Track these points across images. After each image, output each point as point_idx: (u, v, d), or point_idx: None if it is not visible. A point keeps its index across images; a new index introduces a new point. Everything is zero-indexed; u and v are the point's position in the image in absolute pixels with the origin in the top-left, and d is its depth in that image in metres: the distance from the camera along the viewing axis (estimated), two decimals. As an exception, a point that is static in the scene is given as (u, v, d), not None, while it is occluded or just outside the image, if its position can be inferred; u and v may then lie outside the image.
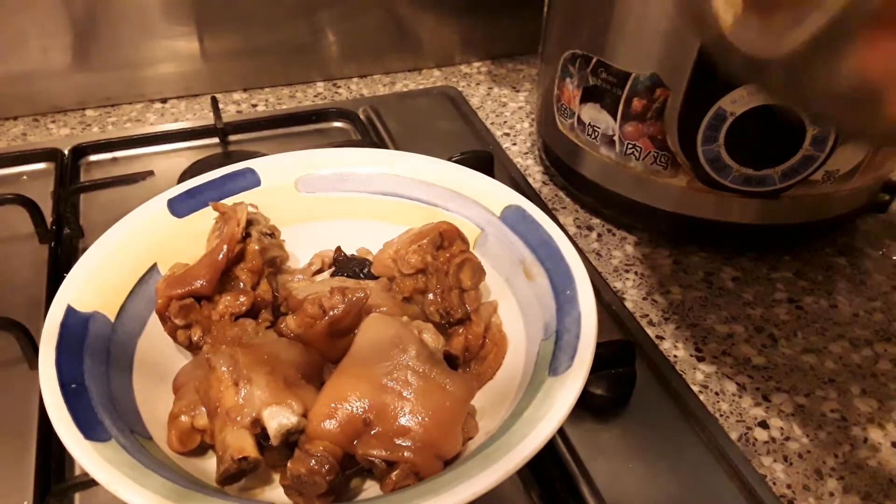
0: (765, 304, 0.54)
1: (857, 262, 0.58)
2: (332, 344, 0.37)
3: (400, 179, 0.47)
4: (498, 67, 0.86)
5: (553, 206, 0.63)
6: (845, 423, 0.45)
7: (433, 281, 0.40)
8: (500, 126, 0.75)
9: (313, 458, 0.32)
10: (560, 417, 0.31)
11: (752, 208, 0.54)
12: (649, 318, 0.52)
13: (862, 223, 0.61)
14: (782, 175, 0.50)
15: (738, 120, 0.48)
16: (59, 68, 0.72)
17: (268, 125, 0.71)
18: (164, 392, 0.38)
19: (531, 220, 0.43)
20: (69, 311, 0.37)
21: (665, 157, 0.53)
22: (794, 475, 0.42)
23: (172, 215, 0.44)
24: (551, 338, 0.37)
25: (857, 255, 0.58)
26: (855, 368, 0.49)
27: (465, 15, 0.83)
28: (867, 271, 0.57)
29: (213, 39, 0.75)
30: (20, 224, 0.56)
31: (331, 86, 0.81)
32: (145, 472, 0.30)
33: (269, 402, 0.33)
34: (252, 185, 0.46)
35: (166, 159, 0.66)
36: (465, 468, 0.30)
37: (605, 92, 0.54)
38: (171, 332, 0.39)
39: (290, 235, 0.46)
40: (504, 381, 0.39)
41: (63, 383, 0.33)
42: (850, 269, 0.57)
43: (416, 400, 0.34)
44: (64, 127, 0.73)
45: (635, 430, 0.43)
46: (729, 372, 0.48)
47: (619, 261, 0.58)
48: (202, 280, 0.39)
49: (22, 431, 0.42)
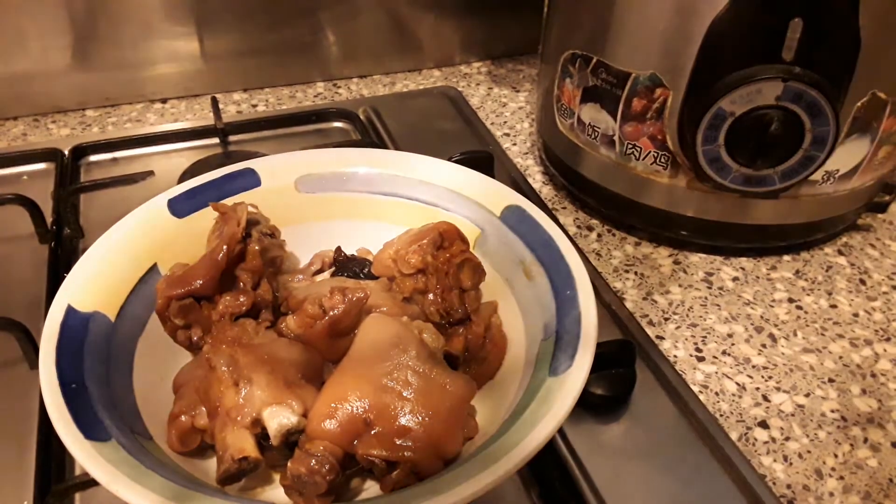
0: (765, 304, 0.54)
1: (856, 262, 0.58)
2: (332, 344, 0.37)
3: (400, 179, 0.47)
4: (498, 67, 0.86)
5: (553, 207, 0.63)
6: (845, 423, 0.45)
7: (433, 281, 0.40)
8: (500, 126, 0.75)
9: (313, 458, 0.32)
10: (560, 417, 0.31)
11: (752, 208, 0.54)
12: (649, 318, 0.52)
13: (861, 223, 0.61)
14: (782, 175, 0.50)
15: (738, 120, 0.48)
16: (59, 68, 0.72)
17: (268, 125, 0.71)
18: (164, 392, 0.38)
19: (531, 220, 0.43)
20: (69, 311, 0.37)
21: (665, 157, 0.53)
22: (793, 475, 0.42)
23: (172, 215, 0.44)
24: (551, 338, 0.37)
25: (856, 255, 0.58)
26: (855, 368, 0.49)
27: (465, 15, 0.83)
28: (867, 271, 0.57)
29: (213, 39, 0.75)
30: (20, 224, 0.56)
31: (331, 86, 0.81)
32: (145, 472, 0.30)
33: (269, 402, 0.33)
34: (252, 185, 0.46)
35: (166, 159, 0.66)
36: (465, 468, 0.30)
37: (605, 92, 0.54)
38: (171, 332, 0.39)
39: (291, 235, 0.46)
40: (504, 381, 0.39)
41: (63, 383, 0.33)
42: (850, 269, 0.57)
43: (417, 400, 0.34)
44: (64, 127, 0.73)
45: (635, 430, 0.43)
46: (729, 372, 0.48)
47: (619, 261, 0.58)
48: (202, 280, 0.39)
49: (22, 431, 0.42)
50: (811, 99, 0.46)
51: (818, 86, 0.46)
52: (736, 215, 0.54)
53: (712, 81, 0.48)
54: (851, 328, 0.52)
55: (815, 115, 0.47)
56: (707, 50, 0.47)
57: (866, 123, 0.50)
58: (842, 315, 0.53)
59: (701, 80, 0.48)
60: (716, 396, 0.47)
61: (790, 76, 0.45)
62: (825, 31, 0.45)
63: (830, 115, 0.47)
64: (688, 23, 0.47)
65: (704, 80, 0.48)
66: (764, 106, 0.47)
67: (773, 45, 0.45)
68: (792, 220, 0.55)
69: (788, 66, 0.46)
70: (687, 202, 0.55)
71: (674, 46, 0.49)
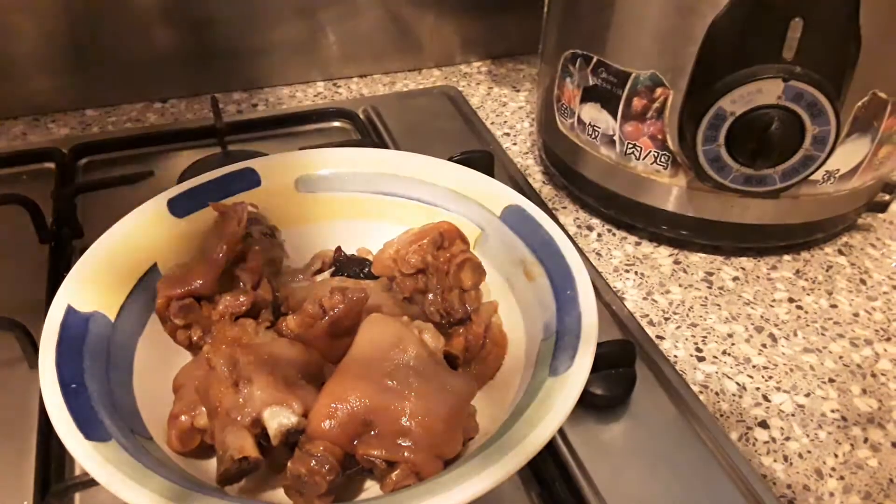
0: (765, 304, 0.54)
1: (857, 262, 0.58)
2: (332, 344, 0.37)
3: (400, 179, 0.47)
4: (498, 67, 0.86)
5: (553, 206, 0.63)
6: (845, 423, 0.45)
7: (433, 281, 0.40)
8: (500, 126, 0.75)
9: (313, 458, 0.32)
10: (560, 418, 0.31)
11: (752, 208, 0.54)
12: (649, 317, 0.52)
13: (862, 223, 0.61)
14: (782, 175, 0.50)
15: (738, 120, 0.48)
16: (60, 68, 0.72)
17: (268, 125, 0.70)
18: (164, 392, 0.38)
19: (531, 220, 0.43)
20: (69, 311, 0.37)
21: (665, 156, 0.53)
22: (794, 475, 0.42)
23: (172, 215, 0.44)
24: (552, 338, 0.37)
25: (857, 254, 0.58)
26: (855, 368, 0.49)
27: (465, 14, 0.83)
28: (867, 271, 0.57)
29: (213, 39, 0.75)
30: (20, 224, 0.56)
31: (331, 85, 0.81)
32: (145, 472, 0.30)
33: (269, 402, 0.33)
34: (252, 184, 0.46)
35: (166, 159, 0.66)
36: (465, 468, 0.30)
37: (606, 92, 0.54)
38: (171, 332, 0.39)
39: (291, 235, 0.46)
40: (504, 381, 0.39)
41: (63, 383, 0.33)
42: (850, 269, 0.57)
43: (417, 400, 0.34)
44: (64, 127, 0.73)
45: (635, 430, 0.43)
46: (729, 372, 0.48)
47: (620, 261, 0.58)
48: (202, 280, 0.39)
49: (22, 431, 0.42)
50: (811, 98, 0.46)
51: (819, 85, 0.46)
52: (736, 215, 0.54)
53: (713, 81, 0.48)
54: (852, 328, 0.52)
55: (815, 114, 0.47)
56: (707, 49, 0.47)
57: (867, 123, 0.50)
58: (842, 315, 0.53)
59: (701, 80, 0.48)
60: (716, 396, 0.47)
61: (791, 76, 0.45)
62: (826, 30, 0.45)
63: (831, 115, 0.47)
64: (688, 22, 0.47)
65: (705, 79, 0.48)
66: (764, 105, 0.47)
67: (774, 45, 0.45)
68: (792, 220, 0.55)
69: (789, 66, 0.46)
70: (687, 202, 0.55)
71: (674, 46, 0.49)
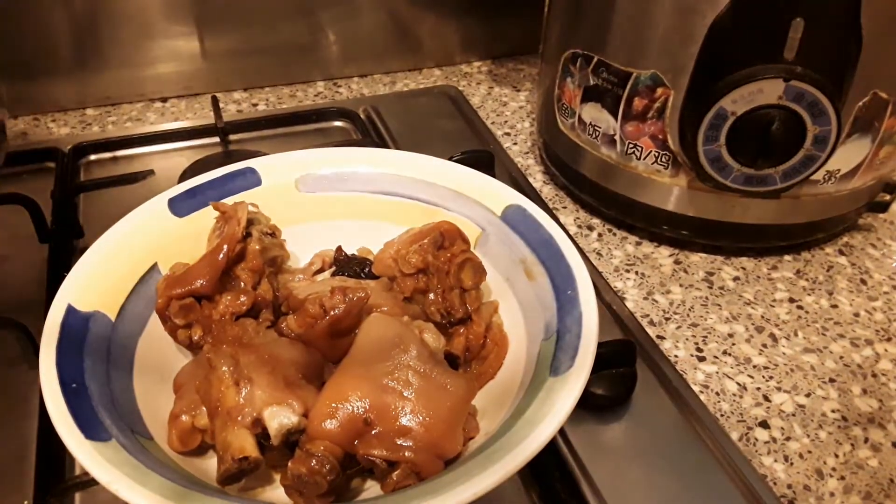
0: (765, 304, 0.54)
1: (857, 262, 0.58)
2: (332, 344, 0.37)
3: (400, 179, 0.47)
4: (498, 67, 0.86)
5: (554, 206, 0.63)
6: (846, 423, 0.45)
7: (434, 281, 0.40)
8: (500, 126, 0.74)
9: (314, 458, 0.32)
10: (561, 418, 0.31)
11: (752, 208, 0.54)
12: (650, 317, 0.52)
13: (862, 223, 0.61)
14: (783, 175, 0.50)
15: (739, 119, 0.48)
16: (59, 68, 0.72)
17: (268, 125, 0.71)
18: (165, 392, 0.38)
19: (532, 219, 0.42)
20: (69, 310, 0.37)
21: (666, 156, 0.53)
22: (794, 475, 0.42)
23: (173, 215, 0.44)
24: (552, 338, 0.37)
25: (857, 254, 0.58)
26: (855, 368, 0.49)
27: (465, 15, 0.83)
28: (868, 271, 0.57)
29: (213, 39, 0.75)
30: (20, 224, 0.56)
31: (331, 85, 0.81)
32: (146, 472, 0.30)
33: (269, 402, 0.33)
34: (252, 184, 0.46)
35: (166, 159, 0.66)
36: (465, 468, 0.30)
37: (606, 91, 0.54)
38: (172, 332, 0.39)
39: (291, 235, 0.46)
40: (505, 381, 0.39)
41: (63, 383, 0.33)
42: (850, 269, 0.57)
43: (417, 400, 0.33)
44: (64, 126, 0.73)
45: (635, 430, 0.43)
46: (729, 372, 0.48)
47: (620, 260, 0.58)
48: (202, 280, 0.39)
49: (22, 431, 0.42)
50: (812, 98, 0.46)
51: (819, 85, 0.46)
52: (737, 215, 0.54)
53: (713, 81, 0.47)
54: (852, 328, 0.52)
55: (816, 114, 0.47)
56: (708, 49, 0.47)
57: (867, 123, 0.50)
58: (843, 315, 0.53)
59: (702, 80, 0.48)
60: (716, 396, 0.47)
61: (791, 75, 0.45)
62: (827, 30, 0.45)
63: (832, 115, 0.47)
64: (689, 22, 0.47)
65: (706, 79, 0.48)
66: (765, 105, 0.47)
67: (775, 45, 0.45)
68: (793, 220, 0.55)
69: (790, 66, 0.46)
70: (688, 202, 0.55)
71: (675, 46, 0.49)
